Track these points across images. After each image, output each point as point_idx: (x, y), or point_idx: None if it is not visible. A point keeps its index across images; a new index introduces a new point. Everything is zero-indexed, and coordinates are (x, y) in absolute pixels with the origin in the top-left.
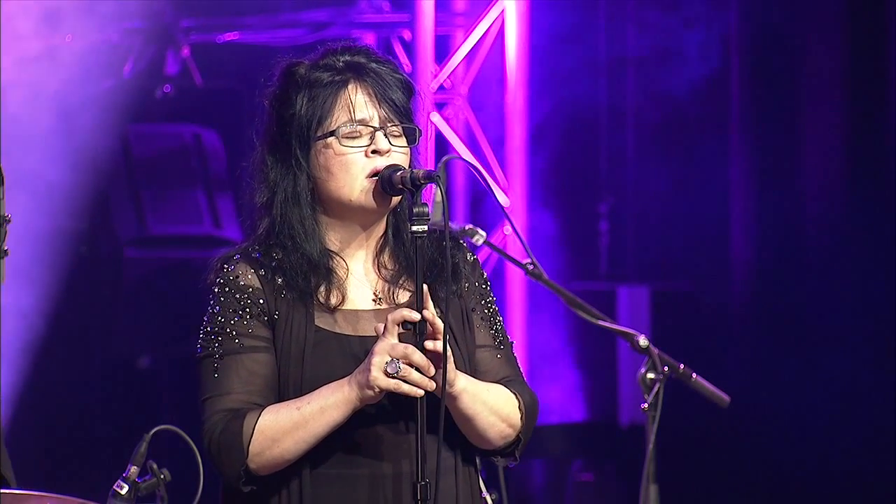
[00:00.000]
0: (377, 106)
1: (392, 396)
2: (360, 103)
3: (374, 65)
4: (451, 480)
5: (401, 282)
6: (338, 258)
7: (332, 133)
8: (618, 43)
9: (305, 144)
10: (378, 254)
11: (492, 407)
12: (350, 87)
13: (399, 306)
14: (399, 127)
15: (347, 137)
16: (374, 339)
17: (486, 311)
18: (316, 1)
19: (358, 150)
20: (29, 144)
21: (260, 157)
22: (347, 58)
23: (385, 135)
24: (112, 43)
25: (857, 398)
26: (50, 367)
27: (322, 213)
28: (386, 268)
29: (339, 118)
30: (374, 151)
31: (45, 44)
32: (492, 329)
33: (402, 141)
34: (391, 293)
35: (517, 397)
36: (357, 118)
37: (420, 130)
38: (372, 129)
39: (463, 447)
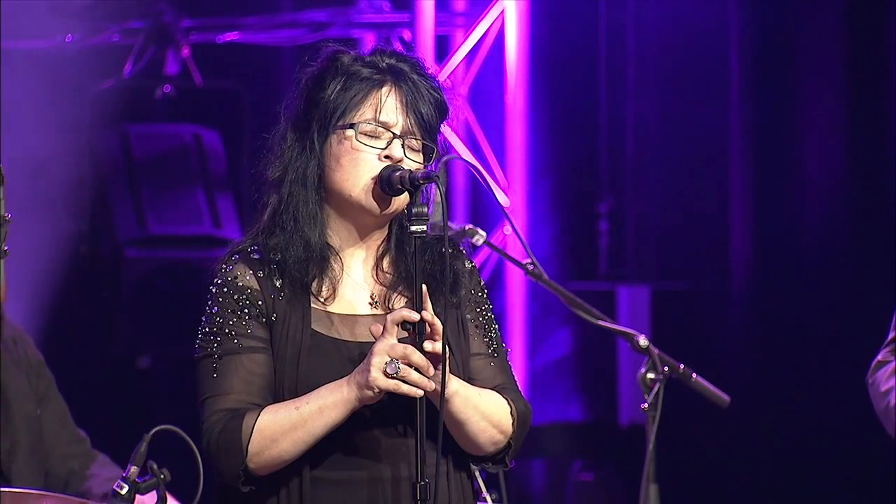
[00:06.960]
0: (405, 114)
1: (391, 399)
2: (388, 106)
3: (415, 76)
4: (444, 485)
5: (399, 289)
6: (335, 254)
7: (351, 126)
8: (618, 43)
9: (324, 130)
10: (378, 259)
11: (483, 412)
12: (385, 88)
13: None
14: (420, 142)
15: (366, 135)
16: (371, 343)
17: (480, 318)
18: (316, 1)
19: (372, 151)
20: (29, 144)
21: (282, 132)
22: (392, 61)
23: (403, 144)
24: (112, 43)
25: (856, 398)
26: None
27: (326, 202)
28: (385, 273)
29: (363, 114)
30: (387, 156)
31: (45, 44)
32: (486, 337)
33: (419, 156)
34: (388, 299)
35: (510, 404)
36: (381, 119)
37: (438, 152)
38: (392, 135)
39: (455, 453)
